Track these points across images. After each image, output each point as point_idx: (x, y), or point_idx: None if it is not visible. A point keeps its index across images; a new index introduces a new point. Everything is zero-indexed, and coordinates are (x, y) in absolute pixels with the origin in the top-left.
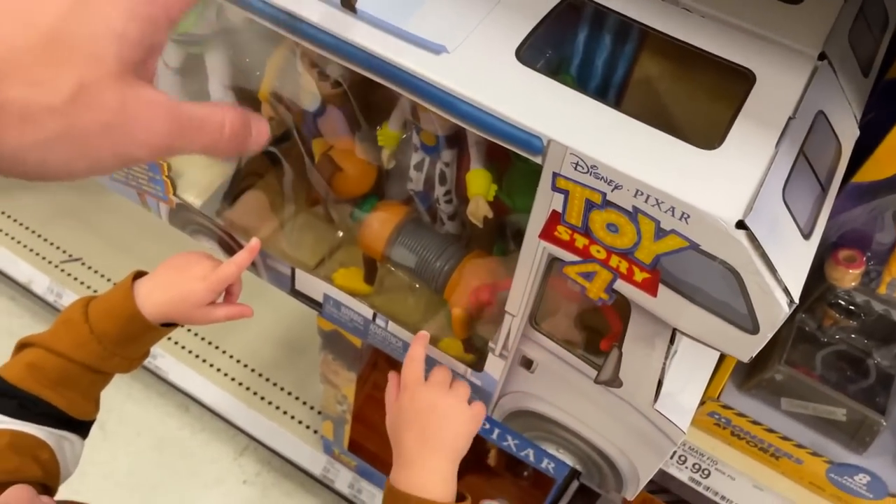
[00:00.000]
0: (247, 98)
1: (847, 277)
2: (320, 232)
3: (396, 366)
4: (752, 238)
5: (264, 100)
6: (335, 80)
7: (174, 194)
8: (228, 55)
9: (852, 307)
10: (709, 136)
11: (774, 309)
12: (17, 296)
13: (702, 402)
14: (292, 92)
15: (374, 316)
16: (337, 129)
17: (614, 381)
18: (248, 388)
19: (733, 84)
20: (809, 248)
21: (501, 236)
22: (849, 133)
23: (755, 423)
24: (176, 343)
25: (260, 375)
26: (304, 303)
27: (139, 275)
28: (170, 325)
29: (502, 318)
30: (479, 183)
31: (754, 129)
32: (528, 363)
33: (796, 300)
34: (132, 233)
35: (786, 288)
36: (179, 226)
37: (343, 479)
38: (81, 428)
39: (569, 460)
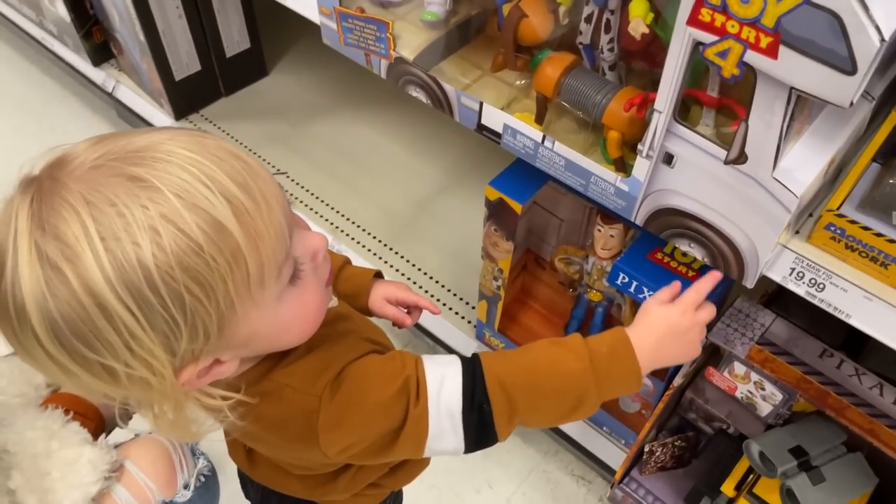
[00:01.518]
0: None
1: None
2: (503, 89)
3: (542, 269)
4: None
5: None
6: None
7: (394, 49)
8: None
9: None
10: None
11: (868, 44)
12: None
13: (820, 216)
14: None
15: (543, 138)
16: None
17: (741, 158)
18: (415, 283)
19: None
20: None
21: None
22: None
23: (867, 228)
24: (358, 243)
25: (425, 274)
26: (486, 136)
27: (378, 275)
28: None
29: (648, 126)
30: (640, 9)
31: None
32: (669, 158)
33: (886, 38)
34: (326, 157)
35: (877, 26)
36: (394, 78)
37: None
38: None
39: (698, 254)
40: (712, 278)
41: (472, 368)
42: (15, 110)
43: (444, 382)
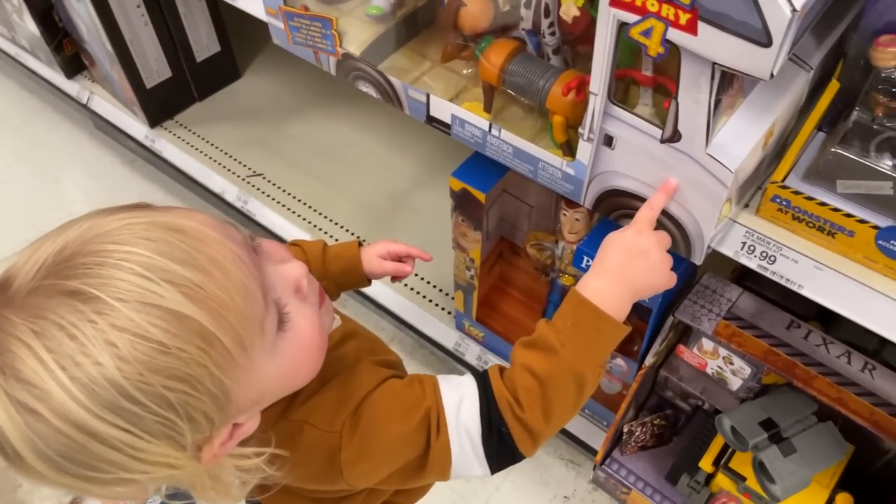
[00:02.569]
0: None
1: (887, 56)
2: (452, 79)
3: (518, 256)
4: None
5: None
6: None
7: (340, 46)
8: None
9: (895, 89)
10: None
11: (780, 16)
12: (211, 202)
13: (766, 188)
14: None
15: (490, 127)
16: None
17: (675, 136)
18: None
19: None
20: None
21: None
22: None
23: (812, 198)
24: (337, 240)
25: None
26: (436, 127)
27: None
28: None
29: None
30: None
31: None
32: (609, 140)
33: (798, 7)
34: (302, 156)
35: None
36: (344, 74)
37: (472, 352)
38: None
39: None
40: (665, 191)
41: (484, 391)
42: None
43: (461, 408)
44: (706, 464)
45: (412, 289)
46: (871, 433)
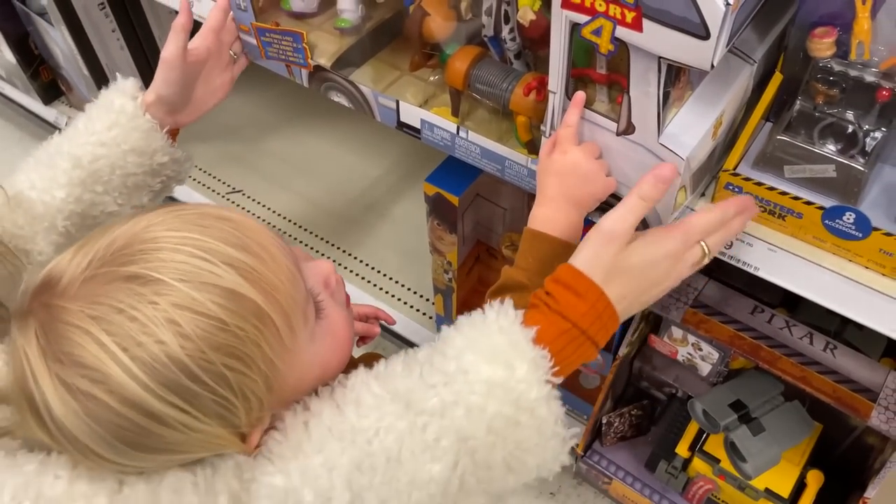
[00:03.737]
0: None
1: (822, 47)
2: (421, 87)
3: (495, 259)
4: None
5: None
6: None
7: (311, 58)
8: None
9: (832, 77)
10: None
11: (714, 10)
12: None
13: (719, 177)
14: None
15: (458, 129)
16: None
17: (629, 128)
18: (375, 285)
19: None
20: None
21: None
22: None
23: (761, 184)
24: (318, 252)
25: (385, 275)
26: (407, 132)
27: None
28: None
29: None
30: None
31: None
32: None
33: (731, 2)
34: (281, 172)
35: None
36: (316, 86)
37: None
38: None
39: None
40: (576, 104)
41: None
42: None
43: None
44: (682, 449)
45: (392, 295)
46: (837, 412)
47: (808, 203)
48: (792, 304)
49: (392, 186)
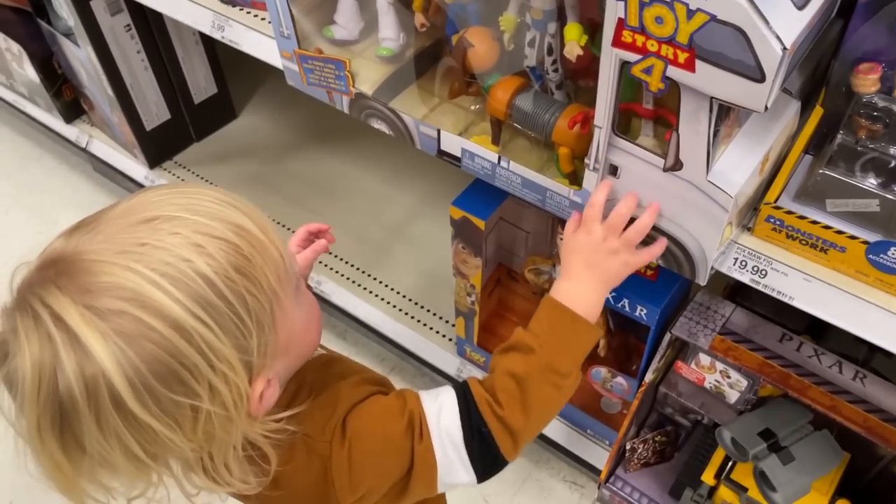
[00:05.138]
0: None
1: (867, 83)
2: (461, 115)
3: (516, 282)
4: (751, 2)
5: (418, 9)
6: None
7: (353, 86)
8: None
9: (876, 113)
10: None
11: (771, 54)
12: None
13: (760, 210)
14: None
15: (499, 159)
16: (470, 20)
17: (677, 164)
18: (395, 307)
19: None
20: (802, 16)
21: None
22: None
23: (804, 217)
24: (336, 272)
25: (404, 297)
26: (447, 160)
27: None
28: None
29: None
30: (573, 32)
31: None
32: (614, 170)
33: (788, 46)
34: (302, 193)
35: (778, 37)
36: (357, 113)
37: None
38: None
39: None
40: (602, 190)
41: (463, 395)
42: None
43: (441, 412)
44: (708, 477)
45: (413, 317)
46: (864, 441)
47: (853, 237)
48: (818, 331)
49: (413, 210)
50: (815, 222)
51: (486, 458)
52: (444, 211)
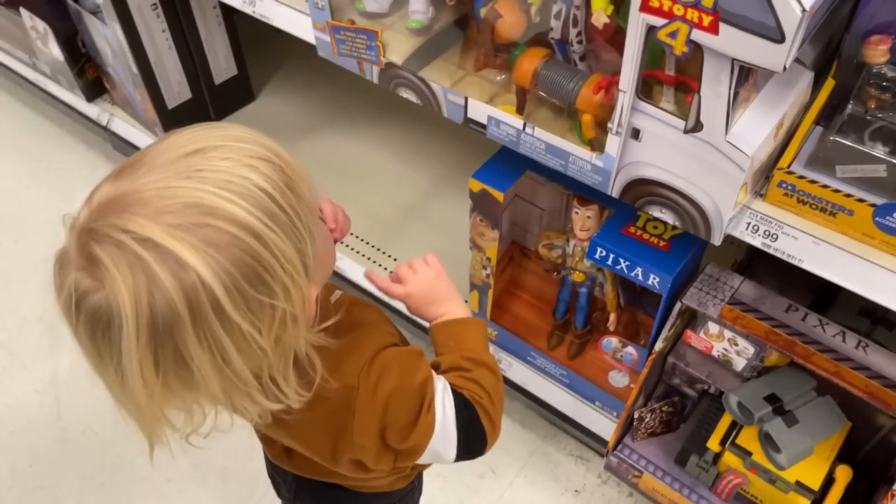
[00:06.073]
0: None
1: (877, 53)
2: (485, 86)
3: (528, 259)
4: None
5: None
6: None
7: (384, 56)
8: None
9: (885, 83)
10: None
11: (791, 15)
12: None
13: (773, 175)
14: None
15: (524, 126)
16: None
17: (697, 126)
18: None
19: None
20: None
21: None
22: None
23: (815, 182)
24: (353, 249)
25: None
26: (473, 128)
27: None
28: None
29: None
30: (600, 2)
31: None
32: (636, 133)
33: (807, 8)
34: (316, 172)
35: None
36: (385, 82)
37: None
38: None
39: (669, 218)
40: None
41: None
42: (11, 150)
43: (441, 386)
44: (713, 443)
45: None
46: (864, 412)
47: (861, 200)
48: (822, 306)
49: (428, 190)
50: (825, 186)
51: (470, 431)
52: (458, 191)
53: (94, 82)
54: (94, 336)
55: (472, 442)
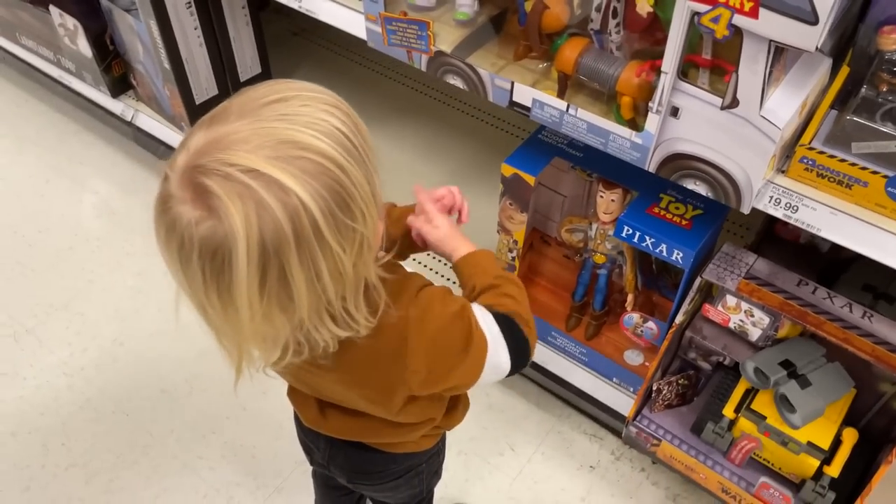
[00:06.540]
0: None
1: (890, 41)
2: (526, 74)
3: (548, 245)
4: None
5: None
6: None
7: (434, 45)
8: None
9: None
10: None
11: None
12: None
13: (795, 152)
14: None
15: (568, 107)
16: None
17: (734, 102)
18: (431, 269)
19: None
20: None
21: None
22: None
23: (833, 156)
24: None
25: (440, 261)
26: (517, 111)
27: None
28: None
29: (656, 88)
30: None
31: None
32: (675, 111)
33: None
34: None
35: None
36: (433, 70)
37: None
38: None
39: (702, 190)
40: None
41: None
42: (33, 146)
43: (482, 312)
44: (729, 411)
45: (448, 279)
46: (867, 380)
47: (875, 172)
48: (829, 282)
49: (443, 184)
50: (842, 160)
51: (514, 337)
52: (474, 187)
53: (120, 79)
54: (204, 262)
55: (520, 341)
